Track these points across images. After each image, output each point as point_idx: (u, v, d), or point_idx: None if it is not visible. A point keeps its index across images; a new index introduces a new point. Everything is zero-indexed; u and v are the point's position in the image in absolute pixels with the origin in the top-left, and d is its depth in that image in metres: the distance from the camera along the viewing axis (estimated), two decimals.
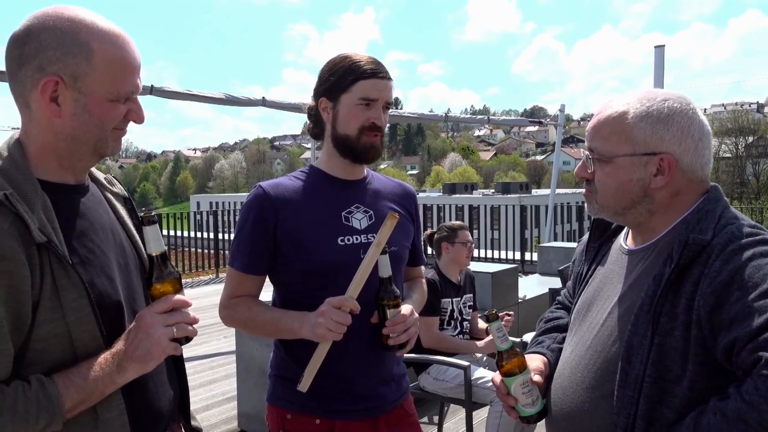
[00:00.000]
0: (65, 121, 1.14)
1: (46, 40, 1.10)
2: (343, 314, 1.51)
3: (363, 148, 1.68)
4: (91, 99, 1.13)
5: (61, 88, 1.11)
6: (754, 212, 19.43)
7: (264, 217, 1.65)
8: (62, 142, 1.16)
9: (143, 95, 6.58)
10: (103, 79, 1.13)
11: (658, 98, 1.26)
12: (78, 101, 1.13)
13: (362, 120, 1.66)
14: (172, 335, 1.14)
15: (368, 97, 1.65)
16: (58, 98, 1.12)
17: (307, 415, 1.66)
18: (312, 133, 1.81)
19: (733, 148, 44.67)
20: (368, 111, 1.66)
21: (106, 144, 1.19)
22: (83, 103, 1.13)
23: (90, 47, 1.12)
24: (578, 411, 1.30)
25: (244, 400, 3.98)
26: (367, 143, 1.68)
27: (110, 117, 1.17)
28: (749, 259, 1.10)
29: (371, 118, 1.66)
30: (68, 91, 1.12)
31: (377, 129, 1.67)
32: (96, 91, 1.13)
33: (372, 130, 1.67)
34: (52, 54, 1.10)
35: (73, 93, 1.12)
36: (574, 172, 1.38)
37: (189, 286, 10.19)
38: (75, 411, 1.07)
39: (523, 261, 11.24)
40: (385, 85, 1.68)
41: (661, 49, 8.43)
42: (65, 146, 1.16)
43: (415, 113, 10.76)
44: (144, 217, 1.17)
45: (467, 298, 3.69)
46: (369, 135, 1.67)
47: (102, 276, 1.17)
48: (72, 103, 1.13)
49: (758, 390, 0.99)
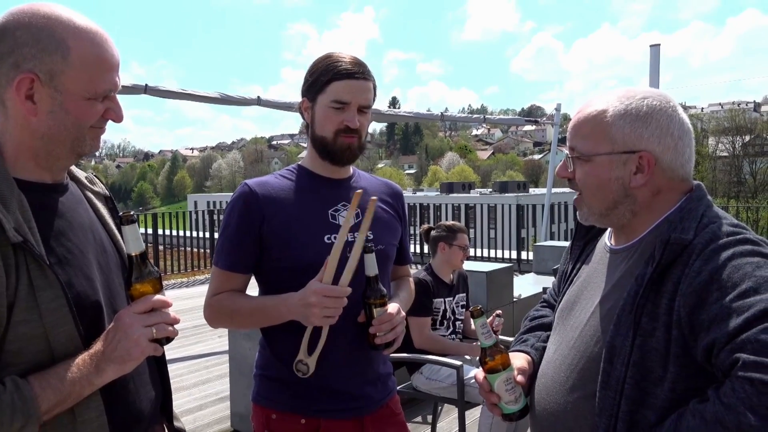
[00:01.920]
0: (41, 120, 1.12)
1: (22, 37, 1.08)
2: (335, 301, 1.51)
3: (339, 149, 1.66)
4: (68, 97, 1.12)
5: (37, 85, 1.10)
6: (751, 210, 19.44)
7: (250, 215, 1.64)
8: (38, 141, 1.14)
9: (137, 94, 6.61)
10: (79, 76, 1.12)
11: (637, 96, 1.25)
12: (54, 99, 1.11)
13: (336, 123, 1.64)
14: (151, 336, 1.12)
15: (341, 99, 1.63)
16: (33, 96, 1.11)
17: (292, 414, 1.66)
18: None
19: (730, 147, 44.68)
20: (342, 114, 1.63)
21: (84, 143, 1.18)
22: (60, 101, 1.12)
23: (66, 44, 1.10)
24: (561, 411, 1.29)
25: (236, 400, 3.97)
26: (344, 145, 1.66)
27: (87, 115, 1.15)
28: (729, 259, 1.09)
29: (344, 121, 1.64)
30: (44, 89, 1.10)
31: (352, 132, 1.65)
32: (72, 89, 1.12)
33: (346, 132, 1.65)
34: (27, 51, 1.08)
35: (49, 91, 1.11)
36: (556, 172, 1.37)
37: (185, 285, 10.20)
38: (52, 413, 1.05)
39: (519, 260, 11.25)
40: (360, 87, 1.64)
41: (657, 48, 8.45)
42: (42, 145, 1.15)
43: (411, 112, 10.77)
44: (122, 217, 1.15)
45: (460, 298, 3.68)
46: (344, 137, 1.65)
47: (80, 276, 1.15)
48: (48, 101, 1.11)
49: (736, 392, 0.98)
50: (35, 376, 1.05)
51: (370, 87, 1.67)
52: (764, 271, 1.06)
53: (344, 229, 1.56)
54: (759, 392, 0.95)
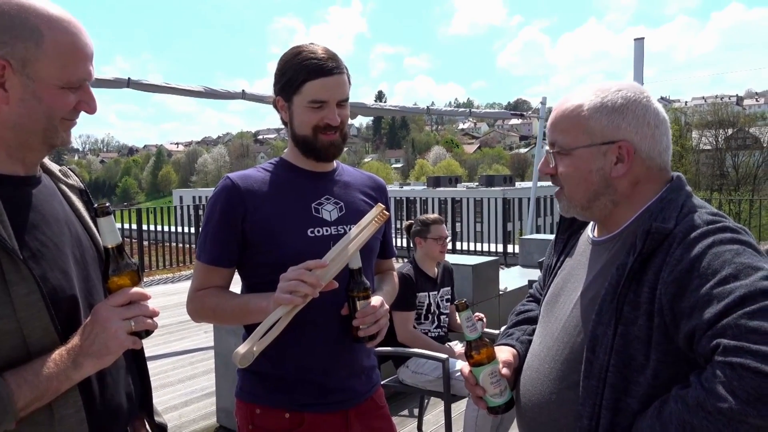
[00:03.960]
0: (12, 108, 1.10)
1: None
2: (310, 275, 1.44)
3: (321, 147, 1.65)
4: (40, 85, 1.10)
5: (8, 73, 1.08)
6: (733, 203, 19.68)
7: (232, 209, 1.62)
8: (10, 131, 1.12)
9: (120, 88, 6.52)
10: (53, 64, 1.10)
11: (612, 89, 1.28)
12: (27, 87, 1.10)
13: (316, 121, 1.63)
14: (129, 329, 1.10)
15: (318, 98, 1.61)
16: (5, 84, 1.09)
17: (276, 409, 1.64)
18: None
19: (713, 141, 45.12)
20: (321, 112, 1.62)
21: (56, 134, 1.16)
22: (32, 89, 1.10)
23: (40, 32, 1.09)
24: (546, 402, 1.30)
25: (222, 395, 3.95)
26: (326, 142, 1.65)
27: (59, 105, 1.13)
28: (709, 247, 1.10)
29: (324, 118, 1.62)
30: (16, 77, 1.09)
31: (332, 128, 1.64)
32: (45, 78, 1.10)
33: (327, 129, 1.64)
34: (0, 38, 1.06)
35: (21, 78, 1.09)
36: (538, 169, 1.39)
37: (170, 281, 10.13)
38: (29, 409, 1.04)
39: (506, 253, 11.31)
40: (336, 82, 1.62)
41: (641, 42, 8.50)
42: (13, 135, 1.13)
43: (397, 106, 10.77)
44: (97, 208, 1.12)
45: (445, 292, 3.68)
46: (324, 134, 1.64)
47: (55, 270, 1.13)
48: (20, 88, 1.10)
49: (717, 377, 0.99)
50: (10, 372, 1.02)
51: (345, 80, 1.65)
52: (744, 257, 1.07)
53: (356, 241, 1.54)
54: (739, 376, 0.96)
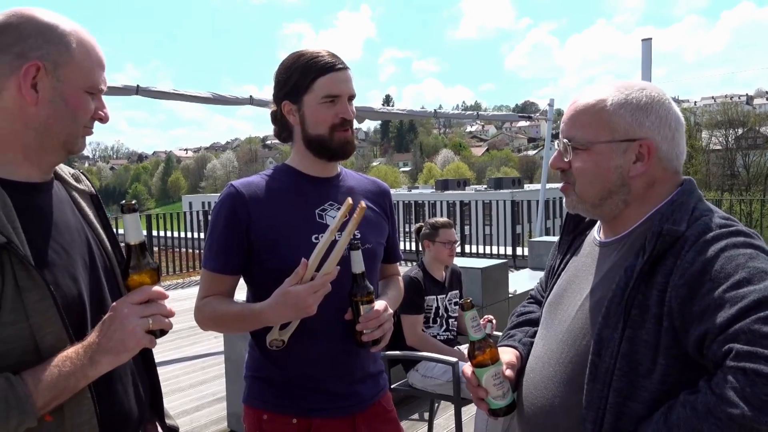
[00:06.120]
0: (41, 109, 1.15)
1: (27, 30, 1.13)
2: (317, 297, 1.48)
3: (337, 145, 1.66)
4: (68, 88, 1.16)
5: (41, 74, 1.13)
6: (744, 203, 19.50)
7: (236, 216, 1.63)
8: (32, 131, 1.16)
9: (129, 95, 6.56)
10: (81, 67, 1.17)
11: (635, 87, 1.27)
12: (56, 89, 1.15)
13: (331, 117, 1.64)
14: (147, 327, 1.11)
15: (331, 93, 1.63)
16: (37, 85, 1.13)
17: (283, 415, 1.65)
18: (281, 137, 1.78)
19: (723, 141, 44.79)
20: (335, 107, 1.64)
21: (76, 140, 1.21)
22: (60, 90, 1.16)
23: (68, 37, 1.16)
24: (550, 406, 1.28)
25: (233, 400, 3.96)
26: (342, 139, 1.66)
27: (84, 109, 1.19)
28: (721, 250, 1.08)
29: (339, 113, 1.64)
30: (48, 78, 1.14)
31: (348, 123, 1.66)
32: (74, 80, 1.17)
33: (343, 125, 1.65)
34: (33, 42, 1.13)
35: (52, 80, 1.15)
36: (549, 163, 1.37)
37: (180, 286, 10.17)
38: (48, 407, 1.05)
39: (515, 256, 11.26)
40: (345, 77, 1.65)
41: (648, 42, 8.45)
42: (34, 136, 1.16)
43: (405, 110, 10.74)
44: (124, 205, 1.14)
45: (453, 295, 3.67)
46: (341, 131, 1.65)
47: (66, 276, 1.15)
48: (50, 90, 1.15)
49: (728, 382, 0.96)
50: (27, 372, 1.04)
51: (351, 76, 1.68)
52: (757, 262, 1.06)
53: (329, 233, 1.52)
54: (752, 382, 0.94)
